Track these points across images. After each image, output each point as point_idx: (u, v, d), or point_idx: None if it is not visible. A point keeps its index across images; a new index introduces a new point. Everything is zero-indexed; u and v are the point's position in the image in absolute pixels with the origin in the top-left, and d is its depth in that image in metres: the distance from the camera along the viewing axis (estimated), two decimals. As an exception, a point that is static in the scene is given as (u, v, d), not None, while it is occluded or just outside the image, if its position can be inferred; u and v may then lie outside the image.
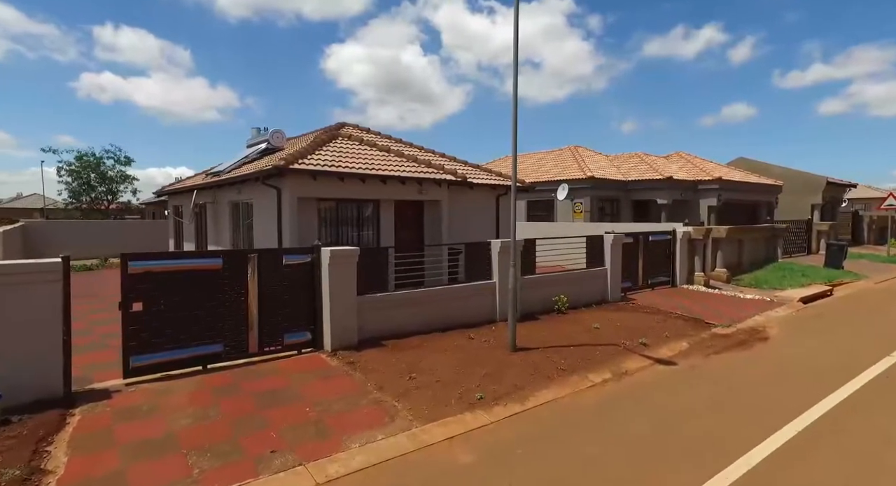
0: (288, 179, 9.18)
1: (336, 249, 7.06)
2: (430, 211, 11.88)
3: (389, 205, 11.14)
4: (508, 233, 14.76)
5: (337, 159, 10.00)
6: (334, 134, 11.49)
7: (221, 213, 12.65)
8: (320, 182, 9.58)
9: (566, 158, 24.12)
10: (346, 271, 7.16)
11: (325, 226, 10.28)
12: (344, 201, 10.47)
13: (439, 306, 8.42)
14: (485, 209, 13.59)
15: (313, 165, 9.31)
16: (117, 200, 33.82)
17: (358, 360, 6.73)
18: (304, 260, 7.14)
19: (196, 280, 6.19)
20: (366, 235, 10.86)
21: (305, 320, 7.14)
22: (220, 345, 6.39)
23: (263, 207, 10.25)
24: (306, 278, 7.14)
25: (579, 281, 10.75)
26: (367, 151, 11.20)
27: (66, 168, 31.26)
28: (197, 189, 13.13)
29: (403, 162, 11.18)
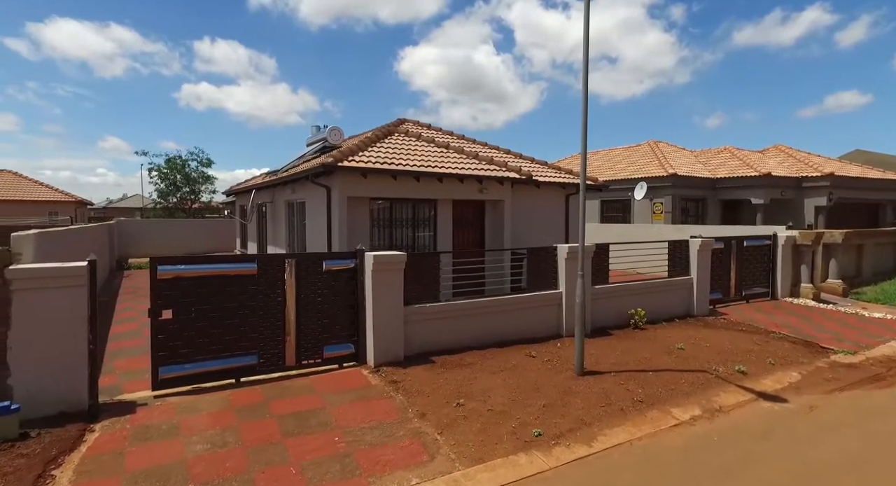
0: (337, 177, 8.73)
1: (380, 253, 6.43)
2: (492, 212, 11.04)
3: (447, 205, 10.43)
4: (577, 236, 13.63)
5: (391, 156, 9.43)
6: (391, 130, 10.97)
7: (279, 212, 12.57)
8: (372, 180, 9.05)
9: (645, 154, 22.26)
10: (391, 279, 6.51)
11: (378, 227, 9.75)
12: (398, 201, 9.89)
13: (497, 319, 7.58)
14: (552, 210, 12.54)
15: (364, 162, 8.78)
16: (199, 199, 35.86)
17: (402, 379, 6.05)
18: (347, 266, 6.58)
19: (229, 286, 5.79)
20: (422, 237, 10.23)
21: (348, 331, 6.57)
22: (255, 357, 5.95)
23: (315, 206, 9.91)
24: (349, 286, 6.57)
25: (660, 292, 9.46)
26: (423, 148, 10.56)
27: (156, 170, 33.56)
28: (255, 189, 13.15)
29: (462, 159, 10.42)
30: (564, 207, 12.82)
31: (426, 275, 7.08)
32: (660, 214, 18.66)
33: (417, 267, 6.95)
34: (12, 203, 26.91)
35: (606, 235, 15.92)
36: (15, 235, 5.18)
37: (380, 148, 9.79)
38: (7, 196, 27.50)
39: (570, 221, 12.88)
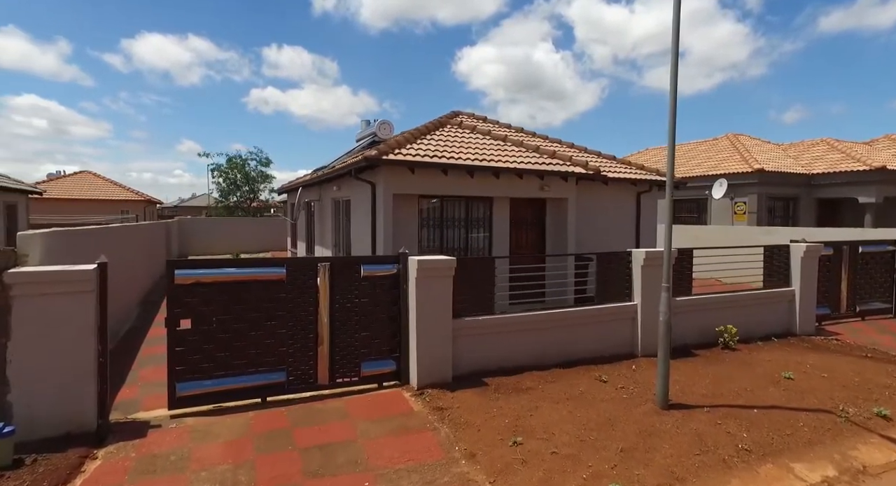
0: (382, 172, 8.01)
1: (425, 258, 5.62)
2: (554, 211, 9.98)
3: (504, 203, 9.49)
4: (651, 239, 12.28)
5: (441, 149, 8.61)
6: (443, 122, 10.17)
7: (325, 211, 12.09)
8: (421, 176, 8.27)
9: (723, 148, 20.23)
10: (438, 287, 5.68)
11: (428, 228, 8.97)
12: (450, 199, 9.07)
13: (560, 334, 6.58)
14: (621, 210, 11.29)
15: (412, 155, 8.01)
16: (258, 198, 36.81)
17: (449, 405, 5.20)
18: (388, 271, 5.81)
19: (255, 294, 5.16)
20: (475, 239, 9.35)
21: (388, 346, 5.81)
22: (283, 373, 5.30)
23: (360, 205, 9.27)
24: (391, 294, 5.80)
25: (753, 305, 8.08)
26: (478, 141, 9.68)
27: (217, 170, 34.74)
28: (302, 186, 12.77)
29: (522, 152, 9.45)
30: (635, 206, 11.52)
31: (479, 283, 6.19)
32: (742, 214, 16.77)
33: (469, 273, 6.08)
34: (88, 202, 28.51)
35: (681, 239, 14.39)
36: (21, 234, 4.80)
37: (430, 140, 9.00)
38: (84, 195, 29.21)
39: (641, 223, 11.57)
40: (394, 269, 5.82)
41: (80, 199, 28.12)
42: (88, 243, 6.48)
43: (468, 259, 6.12)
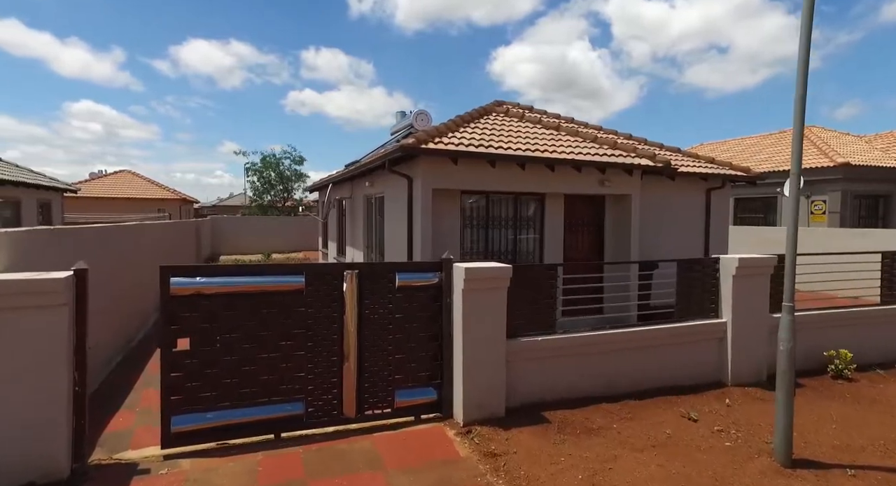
0: (420, 164, 7.05)
1: (475, 266, 4.61)
2: (615, 210, 8.81)
3: (557, 201, 8.39)
4: (721, 243, 10.87)
5: (487, 139, 7.59)
6: (488, 110, 9.13)
7: (357, 209, 11.26)
8: (465, 168, 7.27)
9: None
10: (490, 301, 4.67)
11: (471, 229, 7.96)
12: (496, 195, 8.04)
13: (633, 358, 5.47)
14: (688, 209, 10.00)
15: (454, 144, 7.03)
16: (291, 197, 36.72)
17: (504, 450, 4.18)
18: (429, 281, 4.83)
19: (268, 307, 4.27)
20: (524, 241, 8.29)
21: (428, 370, 4.84)
22: (301, 404, 4.39)
23: (394, 202, 8.36)
24: (431, 308, 4.83)
25: (871, 324, 6.73)
26: (528, 130, 8.60)
27: (252, 169, 34.78)
28: (333, 183, 11.98)
29: (578, 143, 8.32)
30: (705, 204, 10.19)
31: (538, 295, 5.14)
32: (821, 214, 15.03)
33: (526, 284, 5.04)
34: (125, 201, 28.87)
35: (748, 242, 12.91)
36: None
37: (474, 129, 7.99)
38: (123, 194, 29.63)
39: (710, 223, 10.23)
40: (435, 278, 4.84)
41: (116, 197, 28.49)
42: (87, 244, 5.77)
43: (525, 266, 5.10)
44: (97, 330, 5.77)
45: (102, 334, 6.18)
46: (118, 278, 6.97)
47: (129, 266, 7.54)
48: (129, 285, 7.42)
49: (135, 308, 7.97)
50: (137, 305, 8.13)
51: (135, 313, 7.84)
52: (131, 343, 7.53)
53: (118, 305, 6.96)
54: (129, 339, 7.52)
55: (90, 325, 3.71)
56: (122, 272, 7.19)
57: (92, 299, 3.74)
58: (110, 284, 6.63)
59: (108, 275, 6.53)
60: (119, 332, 7.00)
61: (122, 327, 7.14)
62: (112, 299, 6.67)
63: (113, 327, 6.70)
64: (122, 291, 7.14)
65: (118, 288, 6.94)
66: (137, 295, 8.05)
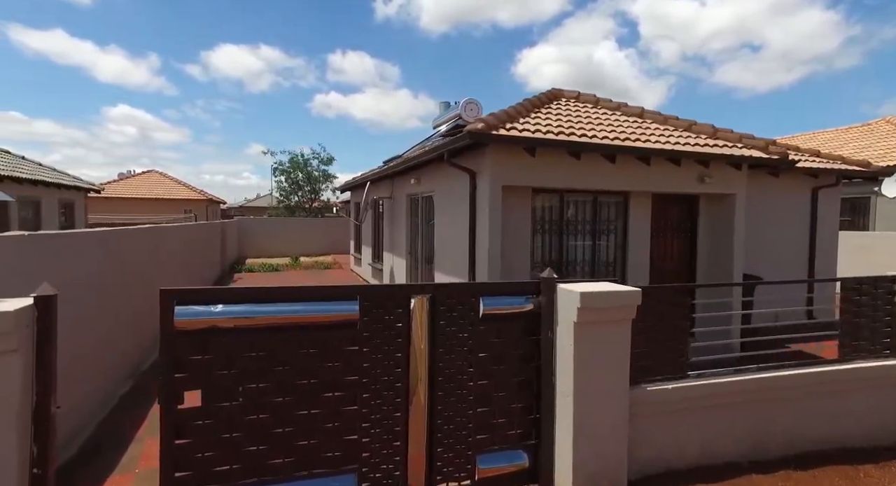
0: (488, 155, 5.84)
1: (591, 289, 3.36)
2: (710, 212, 7.43)
3: (644, 201, 7.07)
4: (828, 252, 9.25)
5: (566, 125, 6.33)
6: (552, 96, 7.84)
7: (398, 210, 10.12)
8: (540, 163, 6.04)
9: (885, 133, 16.45)
10: (610, 337, 3.42)
11: (542, 234, 6.71)
12: (573, 195, 6.76)
13: (787, 410, 4.15)
14: (790, 211, 8.54)
15: (529, 131, 5.79)
16: (319, 198, 36.02)
17: (640, 556, 2.93)
18: (521, 308, 3.62)
19: (309, 346, 3.12)
20: (603, 249, 6.99)
21: (520, 428, 3.61)
22: (352, 477, 3.22)
23: (449, 202, 7.17)
24: (524, 344, 3.61)
25: None
26: (607, 116, 7.30)
27: (279, 168, 34.20)
28: (370, 181, 10.89)
29: (670, 131, 6.99)
30: (810, 206, 8.70)
31: (665, 326, 3.87)
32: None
33: (649, 312, 3.77)
34: (151, 201, 28.55)
35: (843, 249, 11.24)
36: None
37: (547, 115, 6.73)
38: (151, 194, 29.34)
39: (818, 228, 8.73)
40: (528, 304, 3.62)
41: (142, 198, 28.20)
42: (85, 254, 4.72)
43: (653, 289, 3.82)
44: (95, 362, 4.83)
45: (103, 366, 5.17)
46: (126, 294, 5.97)
47: (141, 278, 6.54)
48: (140, 299, 6.43)
49: (148, 326, 6.99)
50: (151, 322, 7.14)
51: (147, 332, 6.85)
52: (142, 367, 6.53)
53: (126, 326, 5.96)
54: (140, 363, 6.53)
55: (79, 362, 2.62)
56: (132, 286, 6.19)
57: (90, 324, 2.68)
58: (116, 301, 5.62)
59: (112, 291, 5.52)
60: (126, 358, 5.98)
61: (130, 352, 6.13)
62: (117, 320, 5.66)
63: (118, 353, 5.69)
64: (132, 308, 6.13)
65: (126, 305, 5.94)
66: (150, 310, 7.06)
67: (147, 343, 6.72)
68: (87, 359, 4.69)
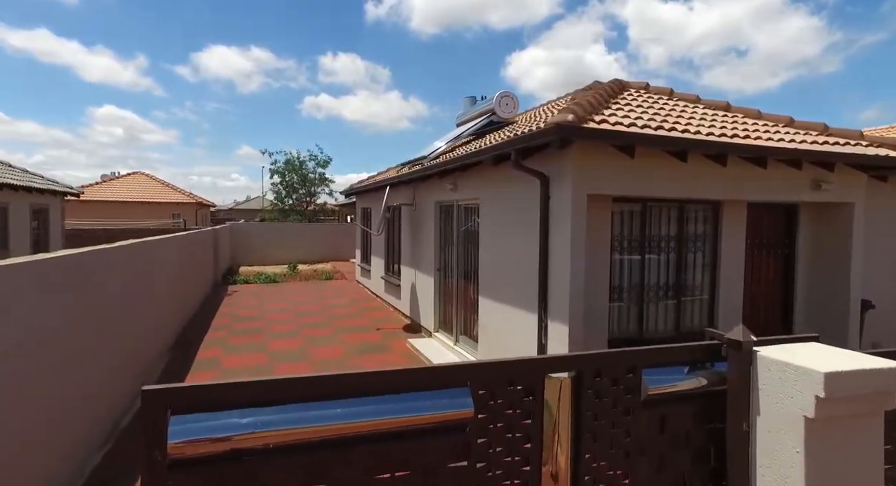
0: (571, 155, 4.64)
1: (834, 364, 2.16)
2: (814, 225, 6.29)
3: (738, 211, 5.92)
4: None
5: (657, 120, 5.14)
6: (619, 87, 6.64)
7: (424, 220, 8.89)
8: (634, 163, 4.85)
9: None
10: (857, 438, 2.23)
11: (619, 254, 5.52)
12: (656, 204, 5.59)
13: None
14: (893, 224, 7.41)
15: (623, 126, 4.59)
16: (315, 201, 34.68)
17: None
18: (690, 385, 2.41)
19: (393, 468, 1.90)
20: (689, 269, 5.81)
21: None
22: None
23: (502, 212, 5.96)
24: (696, 439, 2.40)
25: None
26: (690, 109, 6.14)
27: (274, 169, 32.83)
28: (390, 185, 9.65)
29: (769, 126, 5.84)
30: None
31: None
32: None
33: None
34: (137, 205, 27.07)
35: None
36: None
37: (627, 106, 5.54)
38: (136, 198, 27.84)
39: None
40: (698, 378, 2.41)
41: (128, 201, 26.71)
42: (16, 297, 3.37)
43: None
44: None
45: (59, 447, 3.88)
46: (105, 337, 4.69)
47: (109, 317, 5.18)
48: (122, 339, 5.15)
49: (133, 365, 5.71)
50: (135, 363, 5.87)
51: (118, 385, 5.53)
52: (122, 423, 5.25)
53: (100, 383, 4.67)
54: (120, 417, 5.25)
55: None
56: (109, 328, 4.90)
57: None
58: (85, 361, 4.31)
59: (56, 342, 4.14)
60: (86, 440, 4.66)
61: (101, 415, 4.84)
62: (83, 383, 4.35)
63: (84, 419, 4.40)
64: (107, 365, 4.83)
65: (100, 362, 4.64)
66: (134, 352, 5.78)
67: (128, 389, 5.44)
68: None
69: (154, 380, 6.46)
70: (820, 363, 2.19)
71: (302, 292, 13.94)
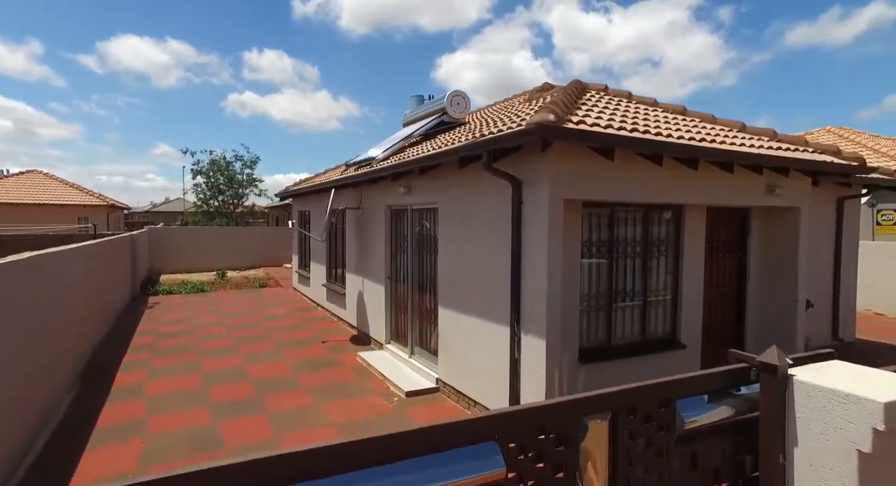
0: (549, 158, 4.40)
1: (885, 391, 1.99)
2: (765, 228, 6.48)
3: (698, 216, 5.97)
4: (850, 268, 8.56)
5: (629, 122, 5.02)
6: (579, 89, 6.51)
7: (372, 225, 8.41)
8: (609, 167, 4.69)
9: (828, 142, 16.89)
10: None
11: (587, 259, 5.36)
12: (623, 208, 5.50)
13: None
14: (815, 225, 7.82)
15: (601, 127, 4.41)
16: (242, 203, 32.90)
17: None
18: (719, 416, 2.18)
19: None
20: (654, 273, 5.77)
21: None
22: None
23: (466, 217, 5.65)
24: (725, 471, 2.18)
25: None
26: (655, 113, 6.12)
27: (197, 170, 30.75)
28: (335, 188, 9.07)
29: (726, 131, 5.93)
30: (836, 218, 8.09)
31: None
32: (891, 225, 13.52)
33: None
34: (34, 208, 24.25)
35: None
36: None
37: (595, 108, 5.38)
38: (32, 199, 24.92)
39: (843, 244, 8.14)
40: (724, 407, 2.19)
41: (22, 203, 23.89)
42: None
43: None
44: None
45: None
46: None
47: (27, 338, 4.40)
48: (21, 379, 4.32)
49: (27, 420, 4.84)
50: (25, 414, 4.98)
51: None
52: (30, 456, 4.40)
53: None
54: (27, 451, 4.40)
55: None
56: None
57: None
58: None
59: None
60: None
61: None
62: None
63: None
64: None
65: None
66: (35, 389, 4.91)
67: (20, 438, 4.58)
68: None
69: (59, 418, 5.55)
70: (874, 390, 1.97)
71: (234, 302, 12.93)
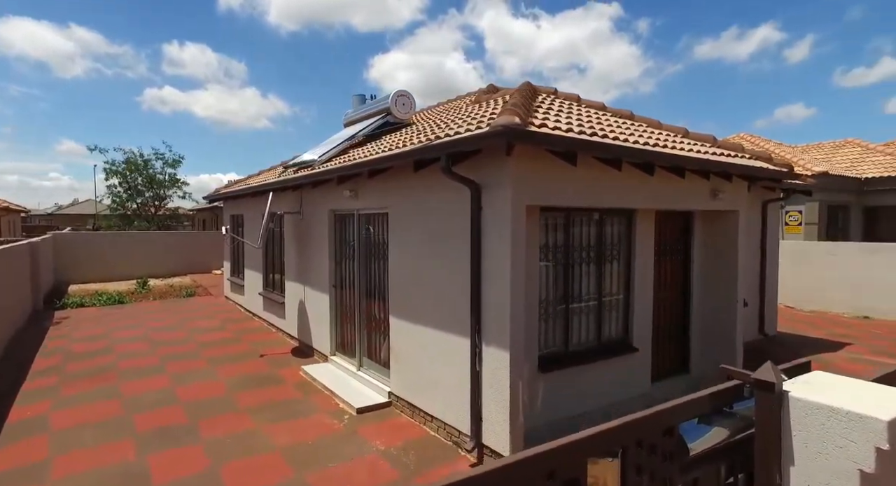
0: (512, 162, 4.20)
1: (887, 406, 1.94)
2: (706, 231, 6.68)
3: (648, 220, 6.03)
4: (774, 267, 9.24)
5: (586, 126, 4.95)
6: (532, 90, 6.41)
7: (314, 231, 7.92)
8: (562, 174, 4.58)
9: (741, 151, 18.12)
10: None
11: (545, 265, 5.26)
12: (578, 213, 5.44)
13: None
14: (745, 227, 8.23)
15: (562, 131, 4.29)
16: (165, 205, 30.68)
17: None
18: (715, 440, 2.07)
19: None
20: (608, 278, 5.77)
21: None
22: None
23: (418, 222, 5.37)
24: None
25: None
26: (605, 118, 6.12)
27: (111, 169, 28.27)
28: (273, 191, 8.50)
29: (671, 136, 6.03)
30: (761, 221, 8.55)
31: None
32: (796, 225, 14.60)
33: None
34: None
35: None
36: None
37: (551, 112, 5.27)
38: (-88, 202, 21.86)
39: (767, 246, 8.62)
40: (722, 431, 2.09)
41: None
42: None
43: None
44: None
45: None
46: None
47: None
48: None
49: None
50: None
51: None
52: None
53: None
54: None
55: None
56: None
57: None
58: None
59: None
60: None
61: None
62: None
63: None
64: None
65: None
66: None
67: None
68: None
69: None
70: (876, 408, 1.90)
71: (158, 314, 11.88)
